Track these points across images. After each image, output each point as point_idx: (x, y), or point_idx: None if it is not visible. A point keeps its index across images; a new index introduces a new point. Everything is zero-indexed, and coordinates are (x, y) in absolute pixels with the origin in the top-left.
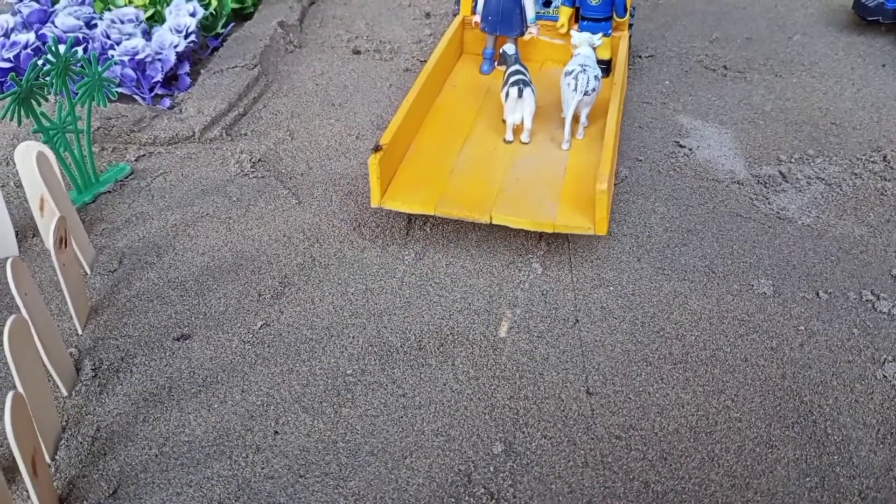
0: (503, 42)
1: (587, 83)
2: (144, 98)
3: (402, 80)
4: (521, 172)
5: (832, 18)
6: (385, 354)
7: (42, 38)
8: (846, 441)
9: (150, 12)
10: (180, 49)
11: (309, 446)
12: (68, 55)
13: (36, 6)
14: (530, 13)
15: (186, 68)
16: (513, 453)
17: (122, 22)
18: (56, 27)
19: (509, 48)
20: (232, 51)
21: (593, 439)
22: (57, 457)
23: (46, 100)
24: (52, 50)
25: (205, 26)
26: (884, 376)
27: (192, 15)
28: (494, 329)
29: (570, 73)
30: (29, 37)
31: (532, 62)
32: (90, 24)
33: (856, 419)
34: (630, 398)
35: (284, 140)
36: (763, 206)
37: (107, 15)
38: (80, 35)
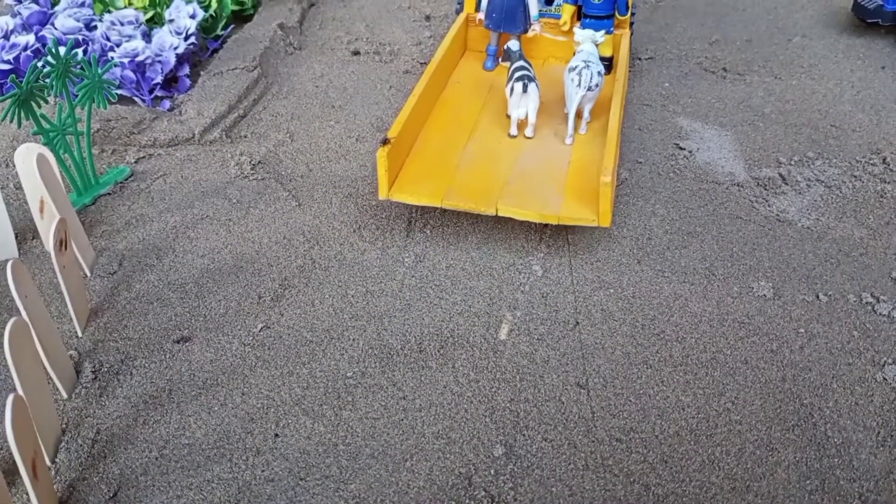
0: (506, 39)
1: (591, 79)
2: (144, 100)
3: (402, 83)
4: (526, 166)
5: (832, 21)
6: (385, 357)
7: (42, 40)
8: (846, 444)
9: (150, 14)
10: (180, 51)
11: (309, 449)
12: (68, 57)
13: (36, 8)
14: (533, 11)
15: (186, 70)
16: (513, 456)
17: (122, 24)
18: (56, 29)
19: (513, 45)
20: (232, 53)
21: (594, 442)
22: (57, 459)
23: (46, 102)
24: (52, 52)
25: (205, 28)
26: (884, 379)
27: (192, 17)
28: (495, 331)
29: (574, 69)
30: (29, 39)
31: (535, 59)
32: (90, 26)
33: (856, 422)
34: (630, 401)
35: (284, 142)
36: (763, 209)
37: (106, 17)
38: (80, 37)
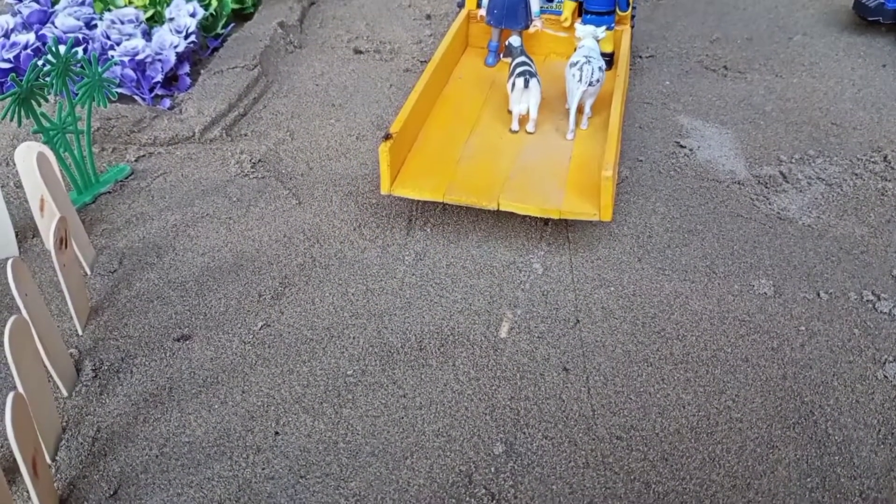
0: (508, 35)
1: (591, 74)
2: (144, 98)
3: (403, 81)
4: (527, 161)
5: (832, 19)
6: (386, 355)
7: (42, 39)
8: (847, 441)
9: (150, 13)
10: (180, 49)
11: (310, 447)
12: (68, 55)
13: (36, 7)
14: (535, 7)
15: (186, 69)
16: (514, 454)
17: (122, 22)
18: (56, 28)
19: (515, 40)
20: (232, 51)
21: (594, 440)
22: (57, 457)
23: (46, 100)
24: (53, 50)
25: (205, 27)
26: (884, 377)
27: (192, 15)
28: (495, 330)
29: (575, 65)
30: (29, 37)
31: (536, 55)
32: (90, 25)
33: (857, 419)
34: (631, 398)
35: (284, 140)
36: (764, 207)
37: (107, 15)
38: (80, 35)
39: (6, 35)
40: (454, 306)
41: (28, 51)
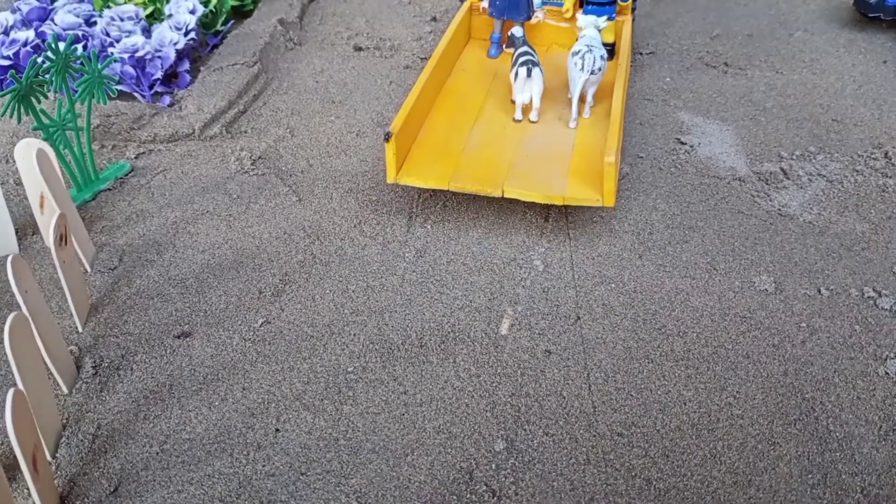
0: (510, 27)
1: (593, 62)
2: (144, 95)
3: (403, 78)
4: (531, 149)
5: (833, 15)
6: (386, 352)
7: (41, 36)
8: (848, 438)
9: (150, 10)
10: (180, 46)
11: (310, 444)
12: (68, 52)
13: (35, 4)
14: None
15: (186, 66)
16: (514, 450)
17: (122, 19)
18: (55, 24)
19: (517, 31)
20: (232, 48)
21: (595, 436)
22: (58, 455)
23: (46, 97)
24: (52, 47)
25: (204, 24)
26: (885, 373)
27: (192, 12)
28: (496, 326)
29: (577, 53)
30: (28, 34)
31: (538, 46)
32: (90, 22)
33: (858, 416)
34: (632, 395)
35: (284, 137)
36: (764, 203)
37: (106, 12)
38: (80, 32)
39: (6, 32)
40: (455, 303)
41: (27, 48)
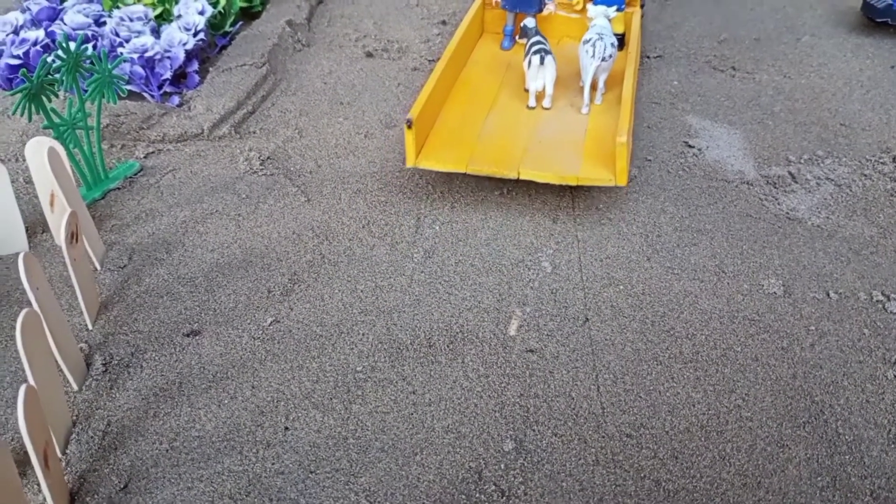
0: (522, 19)
1: (604, 49)
2: (153, 95)
3: (411, 80)
4: (545, 134)
5: (840, 20)
6: (395, 351)
7: (51, 36)
8: (857, 441)
9: (159, 10)
10: (189, 47)
11: (319, 442)
12: (79, 52)
13: (45, 3)
14: None
15: (195, 66)
16: (523, 451)
17: (131, 20)
18: (65, 24)
19: (529, 22)
20: (240, 49)
21: (604, 437)
22: (68, 451)
23: (57, 96)
24: (63, 46)
25: (213, 24)
26: (895, 376)
27: (201, 13)
28: (504, 327)
29: (588, 41)
30: (38, 34)
31: (550, 38)
32: (99, 22)
33: (867, 419)
34: (640, 397)
35: (293, 138)
36: (773, 207)
37: (116, 12)
38: (90, 32)
39: (16, 31)
40: (463, 304)
41: (37, 47)
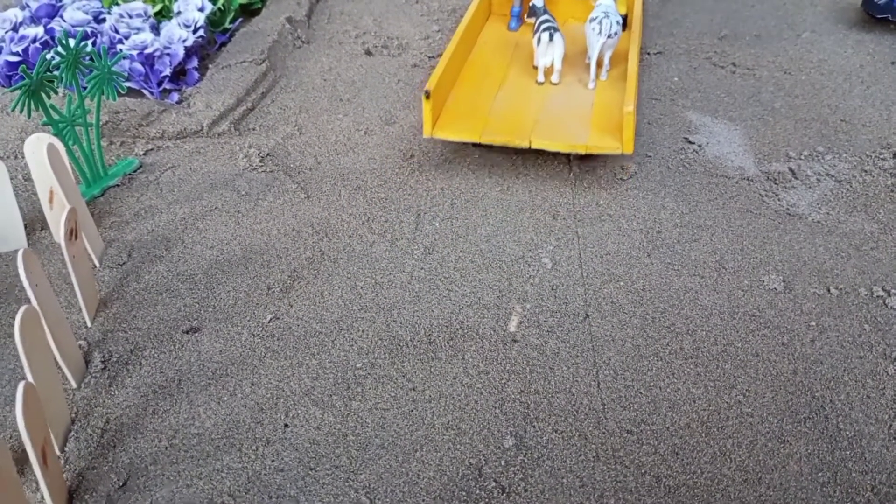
0: (529, 0)
1: (610, 27)
2: (153, 92)
3: (411, 76)
4: (554, 107)
5: (841, 16)
6: (395, 348)
7: (50, 33)
8: (858, 436)
9: (159, 7)
10: (188, 44)
11: (319, 439)
12: (78, 48)
13: (44, 0)
14: None
15: (195, 63)
16: (523, 447)
17: (131, 16)
18: (64, 21)
19: (538, 1)
20: (240, 46)
21: (604, 434)
22: (66, 448)
23: (56, 93)
24: (63, 43)
25: (213, 21)
26: (895, 372)
27: (201, 10)
28: (504, 324)
29: (595, 20)
30: (37, 31)
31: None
32: (98, 19)
33: (868, 414)
34: (641, 393)
35: (293, 135)
36: (773, 203)
37: (115, 9)
38: (89, 29)
39: (15, 28)
40: (463, 300)
41: (37, 44)
